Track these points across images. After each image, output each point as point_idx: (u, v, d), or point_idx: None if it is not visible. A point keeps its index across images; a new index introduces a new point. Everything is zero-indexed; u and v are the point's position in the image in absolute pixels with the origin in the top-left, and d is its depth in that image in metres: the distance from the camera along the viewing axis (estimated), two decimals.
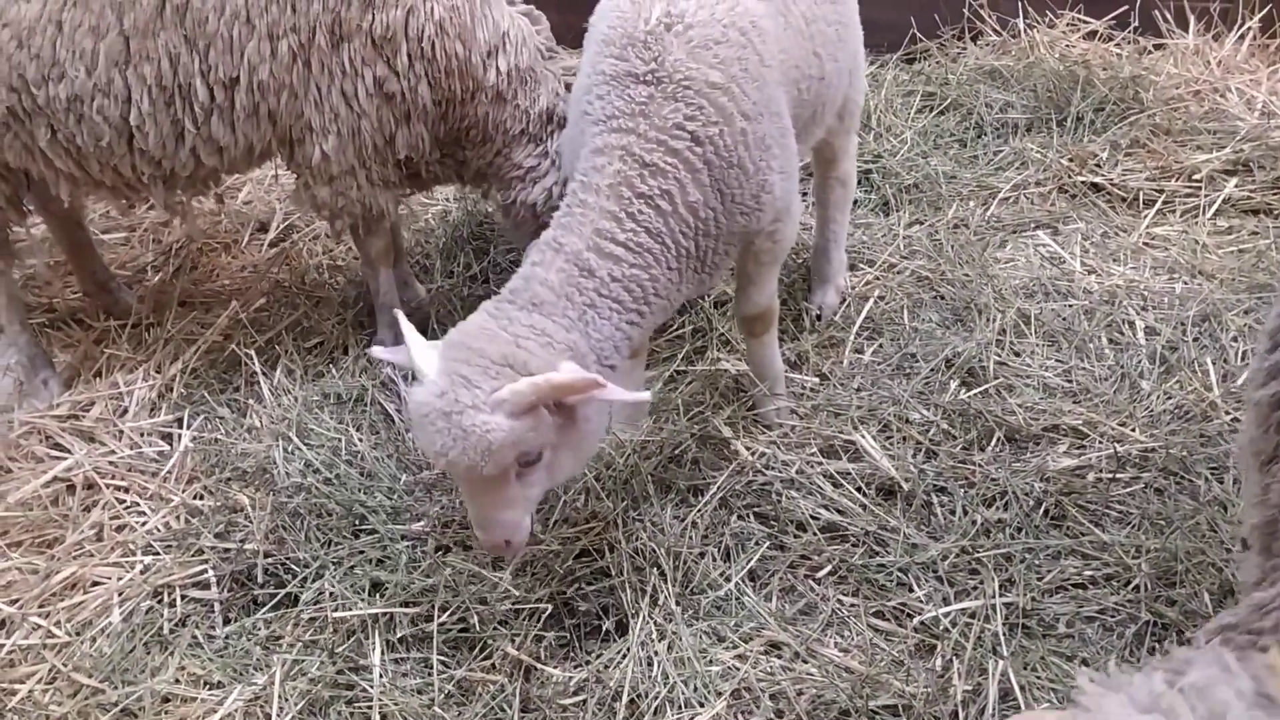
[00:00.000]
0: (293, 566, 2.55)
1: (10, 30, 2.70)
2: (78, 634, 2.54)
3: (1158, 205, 3.94)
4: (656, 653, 2.31)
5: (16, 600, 2.61)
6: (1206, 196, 3.93)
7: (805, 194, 3.79)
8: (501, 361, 2.11)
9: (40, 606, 2.61)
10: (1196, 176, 4.00)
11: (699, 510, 2.64)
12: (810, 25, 2.71)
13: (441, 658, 2.31)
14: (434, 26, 2.80)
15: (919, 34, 5.06)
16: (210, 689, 2.34)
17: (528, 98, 3.01)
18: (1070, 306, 3.41)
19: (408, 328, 2.29)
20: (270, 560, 2.57)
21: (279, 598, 2.49)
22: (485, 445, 2.05)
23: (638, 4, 2.43)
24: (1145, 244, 3.80)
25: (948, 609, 2.41)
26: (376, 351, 2.40)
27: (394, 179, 3.05)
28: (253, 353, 3.25)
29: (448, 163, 3.13)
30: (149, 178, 2.94)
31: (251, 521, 2.67)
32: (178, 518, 2.81)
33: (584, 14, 2.87)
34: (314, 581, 2.47)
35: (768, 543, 2.59)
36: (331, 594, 2.41)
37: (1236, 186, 3.94)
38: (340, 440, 2.83)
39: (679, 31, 2.38)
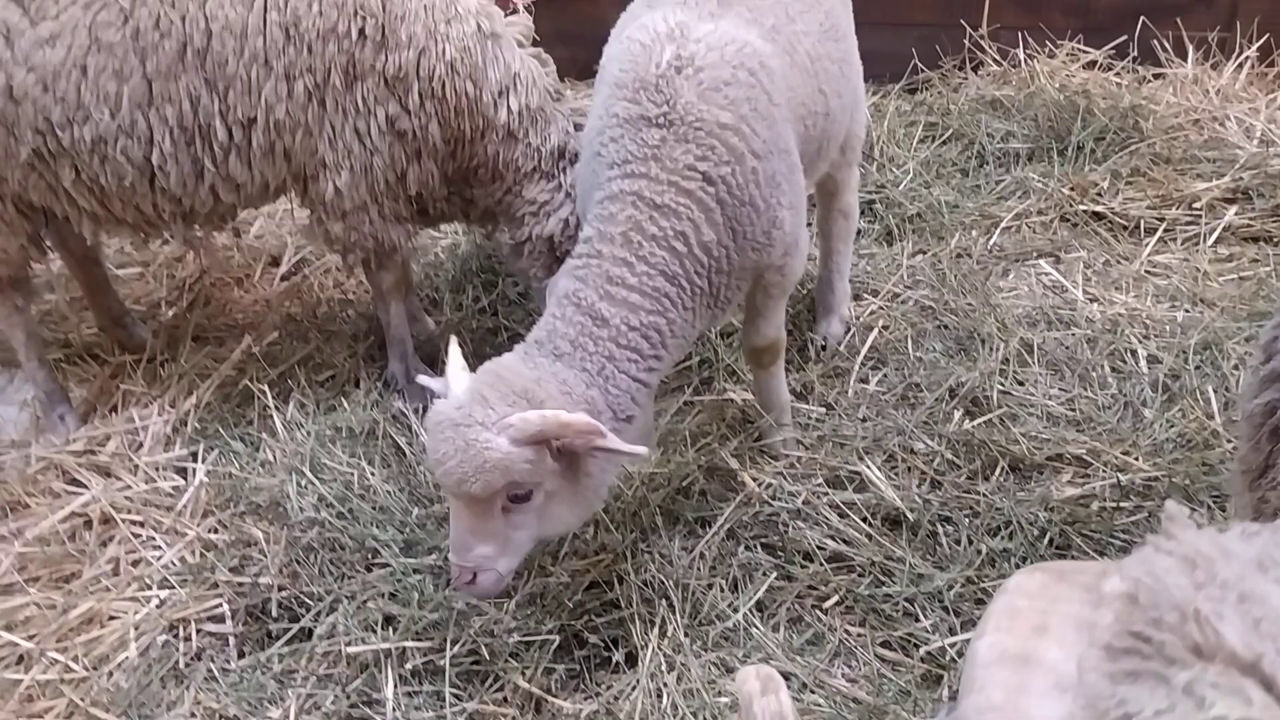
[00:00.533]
0: (306, 600, 2.58)
1: (35, 75, 2.78)
2: (95, 668, 2.58)
3: (1159, 233, 3.98)
4: (666, 684, 2.33)
5: (34, 635, 2.64)
6: (1207, 224, 3.97)
7: (810, 224, 3.85)
8: (521, 393, 2.19)
9: (58, 641, 2.65)
10: (1197, 205, 4.05)
11: (707, 541, 2.68)
12: (815, 63, 2.77)
13: (454, 690, 2.34)
14: (445, 67, 2.87)
15: (921, 64, 5.12)
16: None
17: (539, 135, 3.07)
18: (1073, 335, 3.45)
19: (454, 351, 2.41)
20: (284, 594, 2.61)
21: (293, 632, 2.52)
22: (480, 461, 2.12)
23: (648, 48, 2.48)
24: (1147, 272, 3.84)
25: (954, 639, 2.43)
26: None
27: (405, 214, 3.11)
28: (265, 387, 3.30)
29: (455, 201, 3.19)
30: (169, 215, 3.01)
31: (266, 555, 2.71)
32: (193, 552, 2.85)
33: (589, 47, 2.93)
34: (327, 615, 2.50)
35: (775, 573, 2.62)
36: (345, 628, 2.44)
37: (1236, 214, 3.98)
38: (353, 474, 2.87)
39: (689, 74, 2.43)
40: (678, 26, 2.50)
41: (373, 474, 2.88)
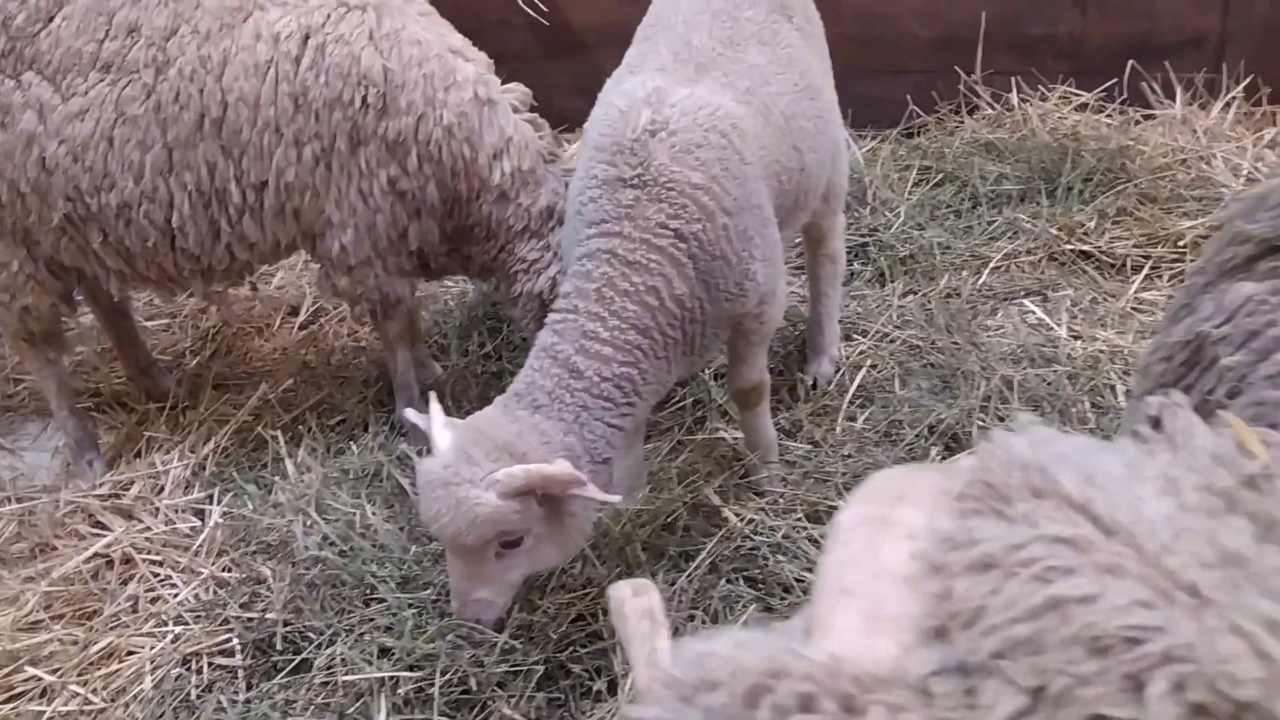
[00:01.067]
0: (309, 634, 2.74)
1: (66, 146, 3.02)
2: (112, 700, 2.74)
3: (1145, 271, 4.08)
4: None
5: (58, 669, 2.82)
6: (1192, 261, 4.06)
7: (801, 269, 3.99)
8: (504, 448, 2.35)
9: (79, 675, 2.82)
10: (1182, 243, 4.14)
11: (689, 575, 2.80)
12: (790, 122, 2.92)
13: (443, 717, 2.47)
14: (442, 131, 3.06)
15: (918, 110, 5.27)
16: None
17: (529, 196, 3.24)
18: (1054, 372, 3.55)
19: (435, 406, 2.57)
20: (289, 629, 2.76)
21: (295, 663, 2.67)
22: (472, 517, 2.28)
23: (625, 113, 2.65)
24: (1134, 309, 3.93)
25: None
26: (408, 414, 2.70)
27: (408, 268, 3.30)
28: (278, 433, 3.48)
29: (454, 256, 3.38)
30: (189, 272, 3.23)
31: (273, 592, 2.87)
32: (207, 589, 3.02)
33: None
34: (327, 648, 2.65)
35: (755, 605, 2.73)
36: (343, 659, 2.59)
37: None
38: (355, 514, 3.03)
39: (663, 138, 2.59)
40: (654, 92, 2.67)
41: (374, 514, 3.04)
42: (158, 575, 3.10)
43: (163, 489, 3.44)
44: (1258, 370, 1.19)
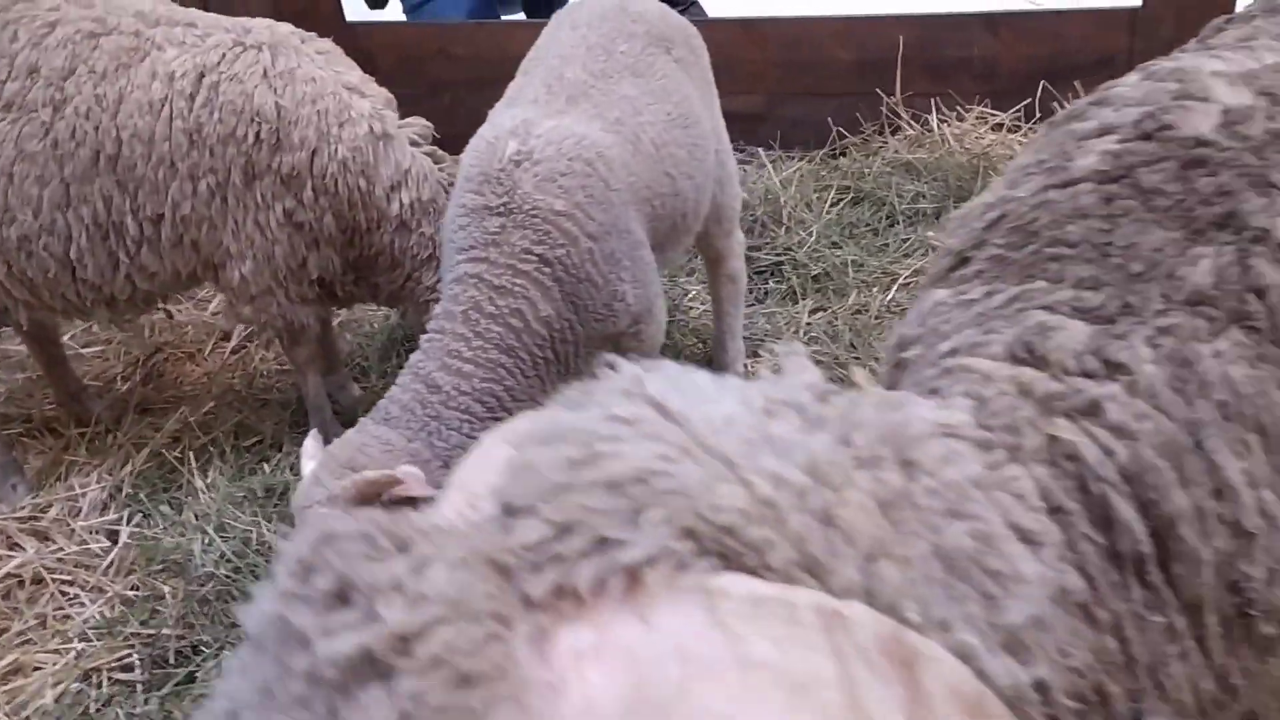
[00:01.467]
0: (201, 647, 2.85)
1: None
2: (14, 715, 2.84)
3: None
4: None
5: None
6: None
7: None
8: (346, 464, 2.46)
9: None
10: None
11: None
12: (660, 150, 3.05)
13: None
14: (337, 165, 3.19)
15: (843, 131, 5.41)
16: None
17: (431, 225, 3.37)
18: None
19: (308, 444, 2.70)
20: (182, 643, 2.87)
21: (179, 677, 2.78)
22: None
23: (493, 144, 2.78)
24: None
25: None
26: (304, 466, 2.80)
27: (311, 296, 3.42)
28: (190, 454, 3.60)
29: (362, 285, 3.50)
30: (92, 302, 3.35)
31: (169, 607, 2.98)
32: (111, 607, 3.12)
33: None
34: (212, 660, 2.76)
35: None
36: (222, 671, 2.69)
37: None
38: (252, 532, 3.15)
39: (527, 167, 2.72)
40: (522, 124, 2.80)
41: (272, 530, 3.16)
42: (67, 594, 3.21)
43: (80, 511, 3.55)
44: (925, 358, 1.31)
